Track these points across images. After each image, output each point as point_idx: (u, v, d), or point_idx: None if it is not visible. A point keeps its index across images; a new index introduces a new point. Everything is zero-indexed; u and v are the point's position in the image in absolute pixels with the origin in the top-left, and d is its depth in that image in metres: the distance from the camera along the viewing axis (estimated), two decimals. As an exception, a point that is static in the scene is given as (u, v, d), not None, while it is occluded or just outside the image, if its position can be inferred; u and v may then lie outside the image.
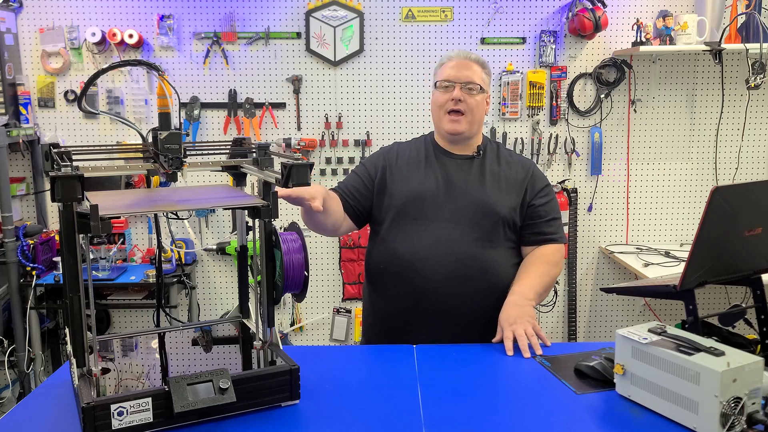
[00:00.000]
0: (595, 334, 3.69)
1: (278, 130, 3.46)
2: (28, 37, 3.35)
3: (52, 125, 3.41)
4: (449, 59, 1.97)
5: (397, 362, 1.63)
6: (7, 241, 3.08)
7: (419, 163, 1.98)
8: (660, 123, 3.53)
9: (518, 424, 1.31)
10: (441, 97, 1.94)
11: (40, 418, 1.36)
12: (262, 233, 1.44)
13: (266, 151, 1.53)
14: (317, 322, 3.65)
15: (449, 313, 1.86)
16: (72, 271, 1.26)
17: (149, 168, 1.43)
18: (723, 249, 1.45)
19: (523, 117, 3.49)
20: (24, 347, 3.14)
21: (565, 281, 3.61)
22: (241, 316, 1.67)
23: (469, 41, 3.43)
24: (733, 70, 3.48)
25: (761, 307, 1.52)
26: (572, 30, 3.36)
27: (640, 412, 1.33)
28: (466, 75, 1.92)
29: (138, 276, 3.18)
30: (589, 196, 3.58)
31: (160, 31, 3.33)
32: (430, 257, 1.86)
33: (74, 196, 1.19)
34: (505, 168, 1.97)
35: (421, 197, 1.91)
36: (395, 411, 1.36)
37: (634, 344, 1.34)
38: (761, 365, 1.22)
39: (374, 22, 3.40)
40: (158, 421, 1.26)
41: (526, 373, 1.56)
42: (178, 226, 3.47)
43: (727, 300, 3.48)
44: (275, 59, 3.41)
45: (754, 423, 1.20)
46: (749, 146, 3.55)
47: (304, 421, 1.33)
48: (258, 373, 1.37)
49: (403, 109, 3.47)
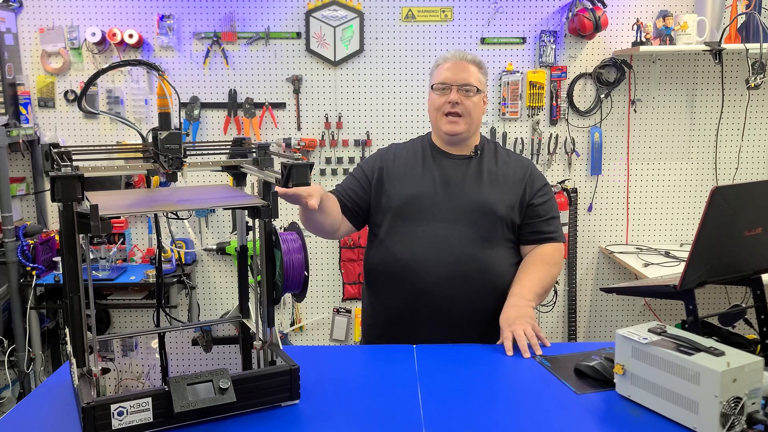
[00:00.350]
0: (595, 334, 3.69)
1: (278, 130, 3.46)
2: (28, 37, 3.35)
3: (52, 125, 3.41)
4: (445, 60, 1.96)
5: (397, 362, 1.63)
6: (7, 241, 3.08)
7: (416, 164, 1.98)
8: (660, 123, 3.53)
9: (518, 424, 1.31)
10: (438, 100, 1.94)
11: (40, 418, 1.36)
12: (262, 233, 1.44)
13: (266, 151, 1.53)
14: (317, 322, 3.65)
15: (449, 313, 1.86)
16: (72, 271, 1.26)
17: (149, 168, 1.43)
18: (723, 249, 1.45)
19: (523, 117, 3.49)
20: (24, 347, 3.14)
21: (565, 281, 3.61)
22: (241, 316, 1.67)
23: (469, 41, 3.43)
24: (733, 70, 3.48)
25: (761, 307, 1.52)
26: (572, 30, 3.36)
27: (640, 412, 1.33)
28: (462, 77, 1.91)
29: (138, 276, 3.18)
30: (589, 196, 3.58)
31: (160, 31, 3.33)
32: (429, 258, 1.85)
33: (74, 196, 1.19)
34: (503, 167, 1.97)
35: (418, 198, 1.91)
36: (395, 411, 1.36)
37: (634, 344, 1.34)
38: (761, 365, 1.22)
39: (374, 22, 3.40)
40: (158, 421, 1.26)
41: (526, 373, 1.56)
42: (178, 226, 3.47)
43: (727, 300, 3.48)
44: (275, 59, 3.41)
45: (754, 423, 1.20)
46: (749, 146, 3.55)
47: (304, 421, 1.33)
48: (258, 373, 1.38)
49: (403, 109, 3.47)
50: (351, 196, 1.98)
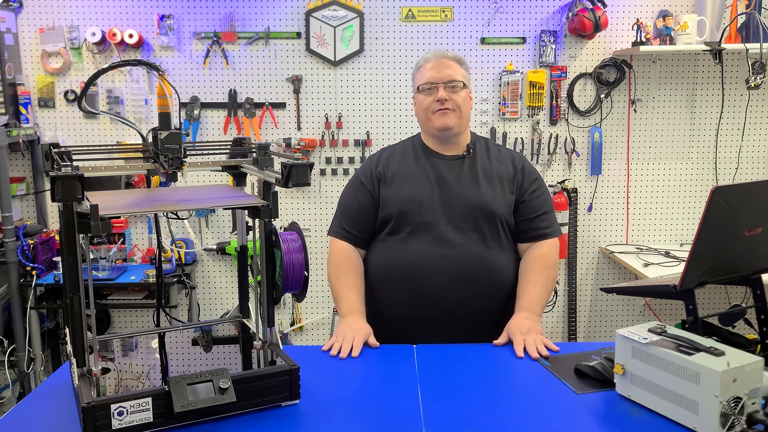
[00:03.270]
0: (595, 334, 3.69)
1: (278, 130, 3.46)
2: (28, 37, 3.35)
3: (52, 125, 3.41)
4: (426, 61, 1.96)
5: (397, 362, 1.63)
6: (7, 241, 3.08)
7: (410, 168, 1.97)
8: (660, 123, 3.53)
9: (518, 424, 1.31)
10: (426, 100, 1.94)
11: (40, 418, 1.36)
12: (262, 233, 1.44)
13: (266, 151, 1.53)
14: (317, 322, 3.65)
15: (456, 314, 1.86)
16: (72, 271, 1.26)
17: (149, 168, 1.43)
18: (723, 249, 1.45)
19: (523, 117, 3.49)
20: (24, 347, 3.14)
21: (565, 281, 3.61)
22: (241, 316, 1.67)
23: (469, 41, 3.43)
24: (733, 70, 3.48)
25: (761, 307, 1.52)
26: (572, 30, 3.36)
27: (640, 412, 1.33)
28: (447, 74, 1.92)
29: (138, 276, 3.18)
30: (589, 196, 3.58)
31: (160, 31, 3.33)
32: (432, 260, 1.85)
33: (74, 196, 1.19)
34: (496, 164, 1.97)
35: (417, 201, 1.90)
36: (395, 411, 1.36)
37: (634, 344, 1.34)
38: (761, 365, 1.22)
39: (374, 22, 3.40)
40: (158, 421, 1.27)
41: (526, 373, 1.56)
42: (178, 226, 3.47)
43: (727, 300, 3.48)
44: (275, 59, 3.41)
45: (754, 423, 1.20)
46: (749, 146, 3.55)
47: (304, 421, 1.33)
48: (258, 373, 1.38)
49: (403, 109, 3.47)
50: (357, 227, 1.96)
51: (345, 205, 2.01)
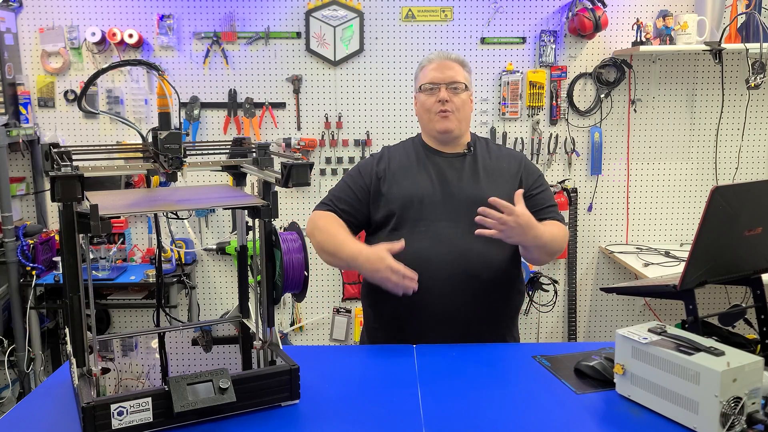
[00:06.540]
0: (595, 334, 3.69)
1: (278, 130, 3.46)
2: (28, 37, 3.35)
3: (52, 125, 3.41)
4: (430, 62, 1.98)
5: (397, 362, 1.63)
6: (7, 241, 3.08)
7: (411, 165, 1.98)
8: (660, 123, 3.53)
9: (518, 424, 1.31)
10: (428, 100, 1.95)
11: (40, 418, 1.36)
12: (262, 233, 1.44)
13: (266, 150, 1.53)
14: (317, 322, 3.65)
15: (457, 310, 1.85)
16: (72, 271, 1.26)
17: (149, 168, 1.43)
18: (723, 249, 1.45)
19: (523, 117, 3.49)
20: (24, 347, 3.14)
21: (565, 281, 3.61)
22: (241, 316, 1.67)
23: (469, 41, 3.43)
24: (733, 70, 3.48)
25: (761, 307, 1.52)
26: (572, 30, 3.36)
27: (640, 412, 1.33)
28: (449, 75, 1.93)
29: (138, 276, 3.18)
30: (589, 196, 3.58)
31: (160, 30, 3.33)
32: (434, 257, 1.85)
33: (74, 196, 1.19)
34: (497, 162, 1.98)
35: (418, 199, 1.90)
36: (395, 411, 1.36)
37: (634, 344, 1.34)
38: (761, 365, 1.22)
39: (374, 21, 3.40)
40: (158, 421, 1.27)
41: (526, 373, 1.56)
42: (178, 226, 3.47)
43: (727, 300, 3.48)
44: (275, 59, 3.41)
45: (754, 423, 1.20)
46: (749, 146, 3.55)
47: (304, 421, 1.33)
48: (258, 373, 1.38)
49: (403, 109, 3.47)
50: (349, 210, 1.96)
51: (339, 189, 2.01)
